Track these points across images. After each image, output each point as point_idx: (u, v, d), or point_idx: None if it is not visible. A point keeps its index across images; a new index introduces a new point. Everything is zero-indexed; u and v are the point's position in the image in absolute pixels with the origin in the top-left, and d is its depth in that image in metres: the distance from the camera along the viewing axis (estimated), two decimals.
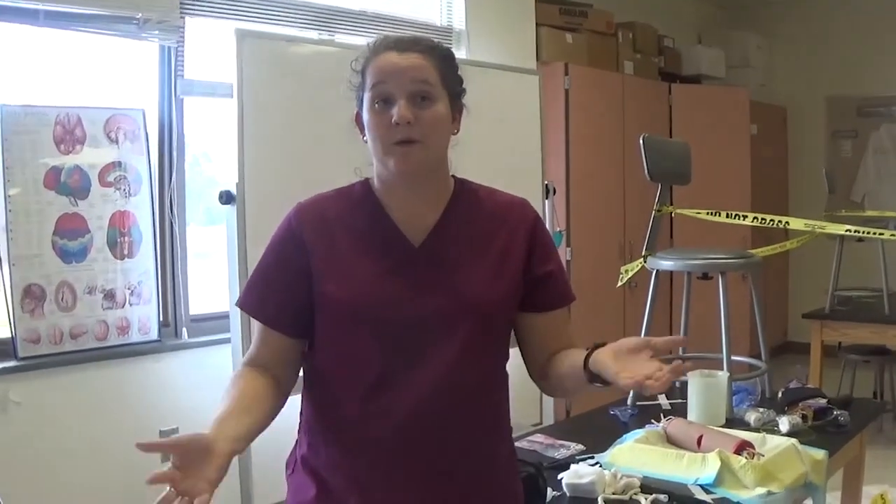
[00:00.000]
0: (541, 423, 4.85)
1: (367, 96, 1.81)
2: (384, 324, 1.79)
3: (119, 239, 3.95)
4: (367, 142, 1.84)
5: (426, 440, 1.78)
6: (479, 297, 1.82)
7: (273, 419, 1.80)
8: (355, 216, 1.87)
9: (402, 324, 1.78)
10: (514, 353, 1.96)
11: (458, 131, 1.90)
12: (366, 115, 1.81)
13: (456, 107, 1.88)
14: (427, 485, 1.81)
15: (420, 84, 1.78)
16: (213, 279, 4.20)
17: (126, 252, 3.97)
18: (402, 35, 1.89)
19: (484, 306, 1.83)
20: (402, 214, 1.87)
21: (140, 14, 3.98)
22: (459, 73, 1.90)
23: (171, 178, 4.26)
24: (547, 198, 5.09)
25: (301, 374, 1.93)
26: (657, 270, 3.74)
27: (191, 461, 1.56)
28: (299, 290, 1.84)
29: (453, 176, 1.94)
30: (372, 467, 1.80)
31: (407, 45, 1.82)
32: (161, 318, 4.16)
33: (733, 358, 3.53)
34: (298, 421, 1.96)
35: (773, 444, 2.77)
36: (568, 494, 2.55)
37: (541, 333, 1.94)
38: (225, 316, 3.88)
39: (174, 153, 4.26)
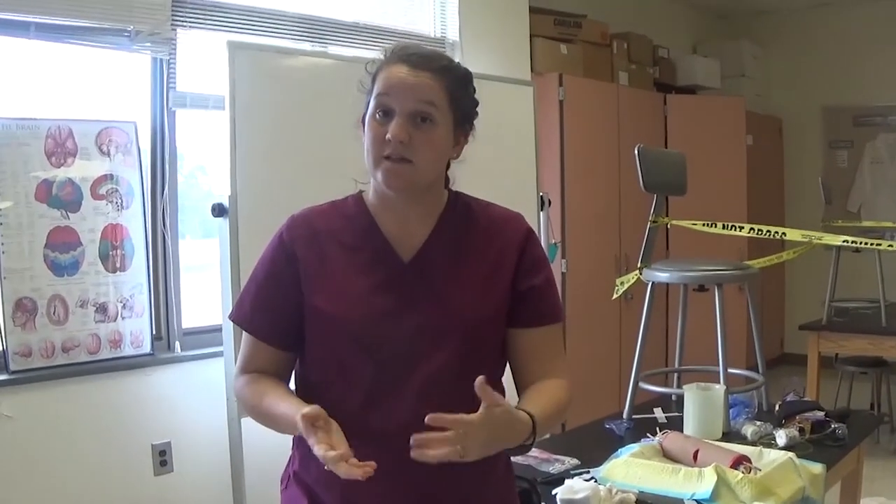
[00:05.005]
0: None
1: (371, 104, 1.80)
2: (373, 339, 1.78)
3: (111, 252, 3.92)
4: None
5: None
6: (468, 311, 1.81)
7: None
8: (347, 230, 1.87)
9: (391, 339, 1.77)
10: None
11: (458, 156, 1.88)
12: (366, 124, 1.81)
13: (461, 130, 1.85)
14: (420, 500, 1.80)
15: (423, 105, 1.76)
16: (209, 292, 4.17)
17: (118, 265, 3.94)
18: (421, 49, 1.86)
19: (472, 321, 1.81)
20: (394, 229, 1.86)
21: (132, 26, 3.96)
22: (476, 95, 1.88)
23: (163, 191, 4.23)
24: (542, 209, 5.08)
25: (293, 387, 1.92)
26: (653, 282, 3.72)
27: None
28: (291, 303, 1.84)
29: (448, 189, 1.92)
30: (363, 482, 1.78)
31: (420, 62, 1.79)
32: (153, 332, 4.12)
33: (730, 370, 3.50)
34: (292, 435, 1.95)
35: (770, 458, 2.75)
36: None
37: (522, 351, 1.91)
38: (218, 329, 3.85)
39: (167, 166, 4.24)
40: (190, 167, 4.63)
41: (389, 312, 1.79)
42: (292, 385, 1.93)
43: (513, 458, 2.07)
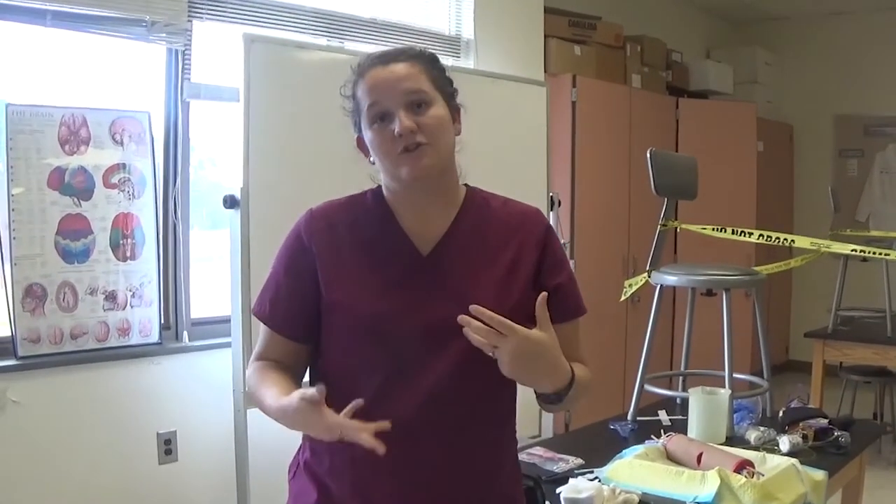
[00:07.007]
0: (539, 436, 4.84)
1: (364, 118, 1.82)
2: (388, 333, 1.78)
3: (122, 241, 3.94)
4: (373, 163, 1.84)
5: (428, 448, 1.78)
6: (485, 306, 1.81)
7: None
8: (365, 224, 1.88)
9: (407, 333, 1.78)
10: None
11: (460, 132, 1.90)
12: (368, 136, 1.82)
13: (452, 107, 1.88)
14: (429, 492, 1.81)
15: (413, 93, 1.79)
16: (216, 283, 4.19)
17: (128, 254, 3.96)
18: (385, 49, 1.89)
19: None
20: (412, 223, 1.87)
21: (148, 17, 3.97)
22: (448, 74, 1.91)
23: (175, 181, 4.24)
24: (552, 209, 5.09)
25: (307, 377, 1.93)
26: (661, 285, 3.73)
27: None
28: (308, 296, 1.85)
29: (465, 185, 1.94)
30: (374, 474, 1.80)
31: (390, 58, 1.83)
32: (162, 321, 4.14)
33: (735, 375, 3.51)
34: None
35: (773, 464, 2.76)
36: None
37: None
38: (226, 320, 3.86)
39: (179, 156, 4.25)
40: (200, 158, 4.64)
41: (406, 305, 1.80)
42: (306, 377, 1.94)
43: (518, 457, 2.08)
